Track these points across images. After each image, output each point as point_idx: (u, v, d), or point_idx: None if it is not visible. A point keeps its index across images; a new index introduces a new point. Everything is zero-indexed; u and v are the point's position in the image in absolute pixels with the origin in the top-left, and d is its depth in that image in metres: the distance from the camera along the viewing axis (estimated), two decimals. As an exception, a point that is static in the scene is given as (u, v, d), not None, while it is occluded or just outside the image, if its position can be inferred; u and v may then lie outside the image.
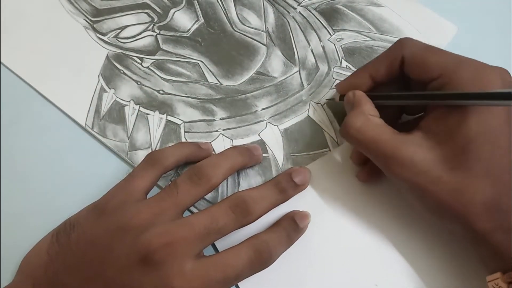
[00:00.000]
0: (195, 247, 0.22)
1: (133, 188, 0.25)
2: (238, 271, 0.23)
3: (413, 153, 0.24)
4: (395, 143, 0.24)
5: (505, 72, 0.24)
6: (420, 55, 0.26)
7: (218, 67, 0.34)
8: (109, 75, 0.33)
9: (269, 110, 0.33)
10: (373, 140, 0.25)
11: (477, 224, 0.23)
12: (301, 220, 0.27)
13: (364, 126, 0.25)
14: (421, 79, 0.25)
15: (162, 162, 0.26)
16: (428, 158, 0.23)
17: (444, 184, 0.23)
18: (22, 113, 0.32)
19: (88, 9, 0.35)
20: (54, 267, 0.24)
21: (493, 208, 0.22)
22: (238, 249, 0.23)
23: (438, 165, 0.23)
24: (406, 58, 0.26)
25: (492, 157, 0.23)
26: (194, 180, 0.25)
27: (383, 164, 0.25)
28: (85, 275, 0.23)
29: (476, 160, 0.23)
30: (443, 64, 0.24)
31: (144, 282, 0.22)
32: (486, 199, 0.22)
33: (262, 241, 0.24)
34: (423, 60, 0.25)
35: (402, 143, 0.24)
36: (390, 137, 0.25)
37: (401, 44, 0.27)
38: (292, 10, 0.36)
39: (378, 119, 0.26)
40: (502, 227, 0.22)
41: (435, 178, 0.23)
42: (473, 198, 0.22)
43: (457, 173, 0.23)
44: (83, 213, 0.25)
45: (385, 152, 0.24)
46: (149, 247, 0.22)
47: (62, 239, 0.24)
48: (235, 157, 0.27)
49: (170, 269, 0.21)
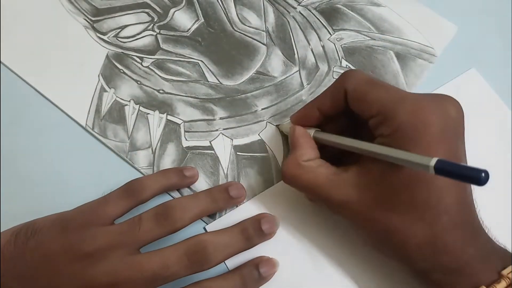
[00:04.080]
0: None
1: (102, 212, 0.25)
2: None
3: (348, 194, 0.24)
4: (329, 185, 0.25)
5: (452, 107, 0.23)
6: (361, 90, 0.25)
7: (218, 67, 0.34)
8: (109, 75, 0.33)
9: (269, 109, 0.33)
10: (308, 186, 0.25)
11: (415, 264, 0.23)
12: (267, 269, 0.26)
13: (297, 173, 0.26)
14: (362, 114, 0.25)
15: (138, 195, 0.26)
16: (362, 199, 0.23)
17: (379, 225, 0.23)
18: (22, 113, 0.32)
19: (88, 8, 0.35)
20: (3, 267, 0.23)
21: (428, 249, 0.22)
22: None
23: (373, 205, 0.23)
24: (348, 92, 0.25)
25: (428, 200, 0.22)
26: (160, 220, 0.24)
27: (323, 203, 0.26)
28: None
29: (410, 203, 0.22)
30: (382, 101, 0.24)
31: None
32: (421, 242, 0.22)
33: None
34: (363, 95, 0.25)
35: (336, 184, 0.24)
36: (324, 180, 0.25)
37: (344, 77, 0.26)
38: (292, 9, 0.36)
39: (312, 162, 0.26)
40: (440, 267, 0.22)
41: (370, 218, 0.23)
42: (408, 240, 0.22)
43: (391, 215, 0.23)
44: (48, 221, 0.25)
45: (320, 195, 0.25)
46: (94, 284, 0.22)
47: (20, 242, 0.24)
48: (207, 203, 0.27)
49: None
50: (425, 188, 0.22)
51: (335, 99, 0.27)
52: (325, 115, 0.28)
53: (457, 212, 0.22)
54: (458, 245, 0.22)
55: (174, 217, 0.25)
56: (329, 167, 0.26)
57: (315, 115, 0.28)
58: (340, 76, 0.27)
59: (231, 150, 0.31)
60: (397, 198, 0.22)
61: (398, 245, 0.23)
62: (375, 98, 0.24)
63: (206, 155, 0.31)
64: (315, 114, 0.28)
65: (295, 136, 0.27)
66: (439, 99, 0.24)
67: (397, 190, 0.22)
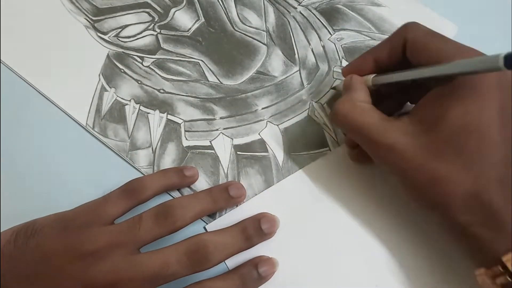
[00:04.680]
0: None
1: (103, 212, 0.25)
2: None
3: (397, 139, 0.24)
4: (380, 128, 0.24)
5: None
6: (422, 40, 0.25)
7: (218, 67, 0.34)
8: (109, 74, 0.33)
9: (269, 109, 0.33)
10: (359, 126, 0.25)
11: (456, 216, 0.22)
12: (266, 269, 0.26)
13: (350, 112, 0.26)
14: (420, 64, 0.25)
15: (139, 195, 0.26)
16: (411, 144, 0.23)
17: (425, 173, 0.23)
18: (22, 113, 0.32)
19: (89, 8, 0.35)
20: (4, 267, 0.23)
21: (473, 202, 0.22)
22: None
23: (421, 152, 0.23)
24: (408, 42, 0.26)
25: (478, 150, 0.22)
26: (160, 219, 0.24)
27: (368, 148, 0.25)
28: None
29: (459, 152, 0.22)
30: (442, 51, 0.24)
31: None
32: (467, 192, 0.22)
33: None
34: (424, 45, 0.25)
35: (387, 128, 0.24)
36: (376, 122, 0.25)
37: (405, 28, 0.26)
38: (293, 9, 0.36)
39: (366, 104, 0.26)
40: (482, 221, 0.22)
41: (416, 165, 0.23)
42: (453, 190, 0.22)
43: (439, 163, 0.22)
44: (48, 221, 0.25)
45: (370, 137, 0.25)
46: (94, 284, 0.22)
47: (20, 242, 0.24)
48: (207, 202, 0.27)
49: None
50: (476, 138, 0.22)
51: (393, 49, 0.27)
52: (381, 65, 0.27)
53: (503, 168, 0.22)
54: (501, 202, 0.22)
55: (174, 216, 0.25)
56: (381, 113, 0.26)
57: (370, 66, 0.28)
58: (401, 27, 0.27)
59: (231, 149, 0.31)
60: (447, 146, 0.22)
61: (441, 195, 0.22)
62: (435, 48, 0.24)
63: (206, 155, 0.31)
64: (370, 65, 0.28)
65: (352, 81, 0.27)
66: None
67: (448, 138, 0.22)
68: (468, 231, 0.22)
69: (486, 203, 0.22)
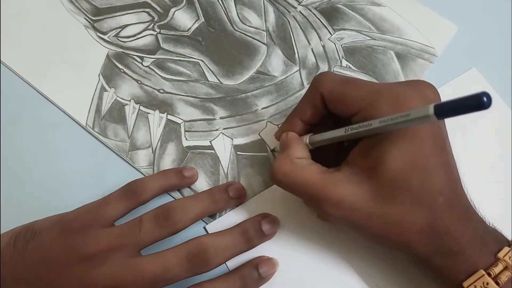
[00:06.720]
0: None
1: (103, 214, 0.25)
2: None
3: (342, 192, 0.23)
4: (323, 183, 0.23)
5: (428, 89, 0.23)
6: (337, 91, 0.25)
7: (218, 66, 0.34)
8: (109, 74, 0.33)
9: (269, 109, 0.33)
10: (301, 183, 0.24)
11: (416, 251, 0.23)
12: (266, 270, 0.26)
13: (290, 170, 0.24)
14: (343, 114, 0.25)
15: (139, 196, 0.26)
16: (357, 195, 0.23)
17: (377, 219, 0.23)
18: (22, 113, 0.32)
19: (89, 8, 0.35)
20: (3, 270, 0.23)
21: (430, 233, 0.22)
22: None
23: (368, 201, 0.23)
24: (325, 96, 0.25)
25: (423, 184, 0.22)
26: (160, 221, 0.24)
27: (315, 205, 0.24)
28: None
29: (405, 191, 0.22)
30: (361, 97, 0.24)
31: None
32: (422, 227, 0.22)
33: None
34: (341, 96, 0.25)
35: (331, 182, 0.23)
36: (318, 177, 0.24)
37: (318, 82, 0.26)
38: (293, 9, 0.36)
39: (305, 160, 0.25)
40: (440, 250, 0.22)
41: (367, 214, 0.23)
42: (408, 229, 0.22)
43: (389, 208, 0.22)
44: (47, 223, 0.25)
45: (314, 194, 0.23)
46: (95, 287, 0.22)
47: (19, 244, 0.24)
48: (207, 203, 0.27)
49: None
50: (418, 174, 0.22)
51: (314, 107, 0.26)
52: (310, 123, 0.27)
53: (450, 191, 0.22)
54: (456, 225, 0.22)
55: (175, 218, 0.25)
56: (321, 167, 0.25)
57: (299, 127, 0.27)
58: (312, 82, 0.26)
59: (231, 149, 0.31)
60: (393, 189, 0.22)
61: (398, 236, 0.23)
62: (354, 96, 0.24)
63: (206, 155, 0.31)
64: (299, 126, 0.27)
65: (288, 138, 0.27)
66: (414, 84, 0.24)
67: (392, 181, 0.22)
68: (430, 263, 0.23)
69: (441, 231, 0.22)
